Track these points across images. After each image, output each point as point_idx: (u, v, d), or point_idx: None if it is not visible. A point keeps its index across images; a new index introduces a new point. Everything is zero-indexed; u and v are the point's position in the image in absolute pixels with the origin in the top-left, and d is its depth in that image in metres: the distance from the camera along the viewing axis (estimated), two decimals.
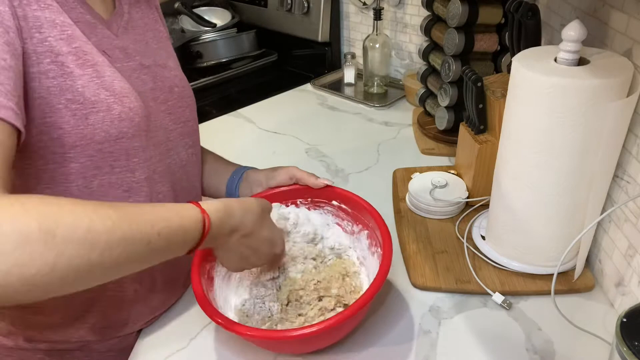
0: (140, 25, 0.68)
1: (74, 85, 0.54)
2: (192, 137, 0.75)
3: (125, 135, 0.59)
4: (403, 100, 1.36)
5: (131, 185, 0.62)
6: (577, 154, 0.63)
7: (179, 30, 1.56)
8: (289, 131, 1.22)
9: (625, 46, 0.65)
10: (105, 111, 0.56)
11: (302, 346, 0.63)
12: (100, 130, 0.56)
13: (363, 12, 1.47)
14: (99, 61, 0.57)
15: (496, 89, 0.83)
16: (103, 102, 0.56)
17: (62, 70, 0.53)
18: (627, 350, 0.47)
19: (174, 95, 0.69)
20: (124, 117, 0.58)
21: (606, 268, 0.71)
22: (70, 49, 0.54)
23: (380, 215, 0.69)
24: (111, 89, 0.57)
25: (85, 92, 0.55)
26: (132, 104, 0.59)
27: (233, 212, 0.58)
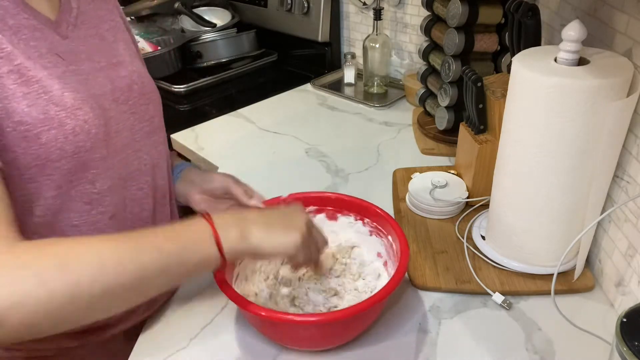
0: (93, 17, 0.64)
1: (18, 107, 0.51)
2: (160, 134, 0.72)
3: (82, 149, 0.56)
4: (403, 100, 1.36)
5: (92, 197, 0.60)
6: (577, 154, 0.63)
7: (179, 30, 1.56)
8: (289, 131, 1.22)
9: (625, 46, 0.65)
10: (57, 128, 0.53)
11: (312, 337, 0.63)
12: (55, 148, 0.54)
13: (363, 12, 1.47)
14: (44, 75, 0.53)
15: (496, 89, 0.83)
16: (54, 118, 0.53)
17: (4, 93, 0.50)
18: (627, 350, 0.47)
19: (134, 93, 0.66)
20: (78, 130, 0.55)
21: (606, 268, 0.71)
22: (12, 67, 0.51)
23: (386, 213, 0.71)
24: (61, 103, 0.54)
25: (32, 111, 0.52)
26: (87, 116, 0.56)
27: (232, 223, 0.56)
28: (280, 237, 0.57)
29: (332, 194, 0.76)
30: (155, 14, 1.57)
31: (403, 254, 0.64)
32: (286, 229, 0.58)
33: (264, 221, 0.58)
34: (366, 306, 0.57)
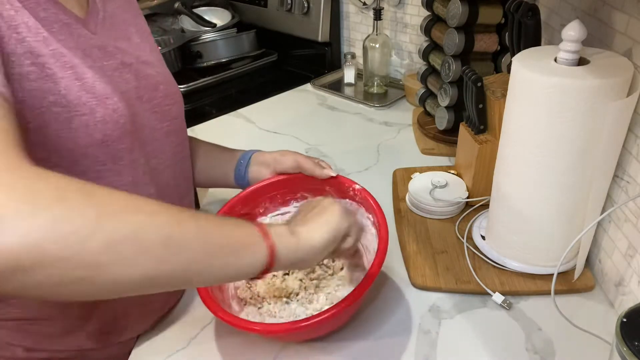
0: (119, 21, 0.66)
1: (56, 87, 0.52)
2: (179, 135, 0.73)
3: (110, 138, 0.57)
4: (403, 100, 1.36)
5: (118, 188, 0.58)
6: (577, 154, 0.63)
7: (179, 30, 1.56)
8: (289, 131, 1.22)
9: (625, 46, 0.65)
10: (88, 114, 0.54)
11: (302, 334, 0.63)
12: (84, 134, 0.54)
13: (363, 12, 1.47)
14: (78, 63, 0.54)
15: (496, 89, 0.83)
16: (86, 105, 0.54)
17: (43, 72, 0.51)
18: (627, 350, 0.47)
19: (159, 93, 0.67)
20: (107, 119, 0.56)
21: (606, 268, 0.71)
22: (48, 51, 0.52)
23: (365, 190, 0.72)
24: (92, 91, 0.55)
25: (68, 94, 0.53)
26: (116, 106, 0.57)
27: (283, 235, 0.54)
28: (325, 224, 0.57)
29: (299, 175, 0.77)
30: (155, 14, 1.57)
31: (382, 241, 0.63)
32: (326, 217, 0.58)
33: (301, 221, 0.58)
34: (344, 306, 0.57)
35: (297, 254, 0.54)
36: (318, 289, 0.70)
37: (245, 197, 0.75)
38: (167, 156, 0.70)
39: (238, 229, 0.50)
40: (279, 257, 0.51)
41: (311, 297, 0.69)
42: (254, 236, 0.51)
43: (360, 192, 0.72)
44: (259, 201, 0.77)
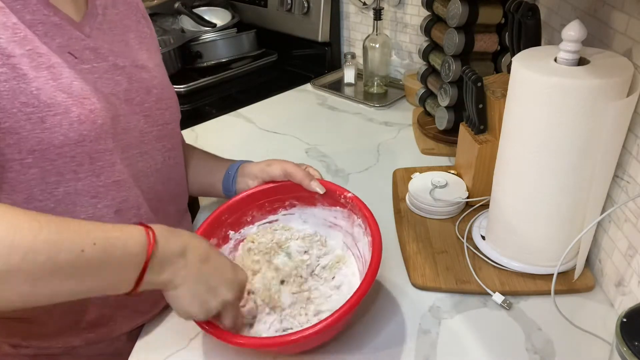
0: (119, 26, 0.66)
1: (27, 88, 0.52)
2: (171, 141, 0.72)
3: (87, 138, 0.56)
4: (403, 100, 1.36)
5: (98, 190, 0.60)
6: (577, 154, 0.63)
7: (179, 30, 1.56)
8: (289, 131, 1.22)
9: (625, 46, 0.65)
10: (62, 114, 0.54)
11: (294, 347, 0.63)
12: (59, 134, 0.54)
13: (363, 12, 1.47)
14: (56, 62, 0.55)
15: (496, 89, 0.83)
16: (60, 104, 0.54)
17: (14, 73, 0.51)
18: (627, 350, 0.47)
19: (152, 97, 0.67)
20: (83, 119, 0.55)
21: (606, 268, 0.71)
22: (24, 51, 0.52)
23: (357, 198, 0.70)
24: (69, 90, 0.55)
25: (40, 94, 0.53)
26: (94, 106, 0.56)
27: (180, 232, 0.56)
28: (191, 304, 0.56)
29: None
30: (155, 14, 1.57)
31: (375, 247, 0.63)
32: (207, 299, 0.57)
33: (196, 276, 0.56)
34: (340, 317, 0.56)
35: (153, 289, 0.53)
36: (309, 300, 0.69)
37: (232, 206, 0.74)
38: (157, 160, 0.70)
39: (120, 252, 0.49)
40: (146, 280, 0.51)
41: (301, 310, 0.68)
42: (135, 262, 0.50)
43: (352, 200, 0.70)
44: (246, 210, 0.76)
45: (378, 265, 0.60)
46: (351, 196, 0.71)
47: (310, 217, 0.77)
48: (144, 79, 0.66)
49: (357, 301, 0.57)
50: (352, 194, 0.71)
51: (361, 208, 0.68)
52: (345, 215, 0.74)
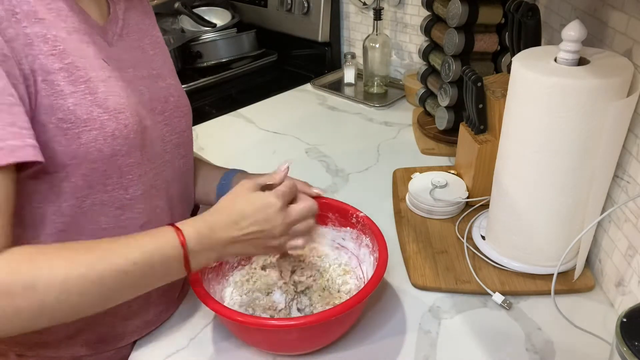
0: (135, 31, 0.66)
1: (64, 104, 0.52)
2: (186, 147, 0.73)
3: (119, 152, 0.57)
4: (403, 100, 1.36)
5: (123, 202, 0.61)
6: (577, 154, 0.63)
7: (179, 30, 1.56)
8: (289, 131, 1.22)
9: (625, 46, 0.65)
10: (98, 129, 0.54)
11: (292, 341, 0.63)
12: (94, 149, 0.54)
13: (363, 12, 1.47)
14: (93, 77, 0.55)
15: (496, 89, 0.83)
16: (96, 119, 0.54)
17: (52, 89, 0.51)
18: (627, 350, 0.47)
19: (170, 105, 0.67)
20: (117, 134, 0.56)
21: (606, 268, 0.71)
22: (62, 65, 0.52)
23: (368, 218, 0.70)
24: (104, 105, 0.55)
25: (77, 110, 0.53)
26: (127, 121, 0.57)
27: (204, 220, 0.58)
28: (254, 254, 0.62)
29: None
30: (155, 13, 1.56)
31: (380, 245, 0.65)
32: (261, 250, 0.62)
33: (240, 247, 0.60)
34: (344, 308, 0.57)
35: None
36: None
37: None
38: (176, 167, 0.70)
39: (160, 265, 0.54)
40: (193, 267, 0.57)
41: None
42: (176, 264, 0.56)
43: (363, 220, 0.71)
44: None
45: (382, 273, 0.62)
46: (362, 216, 0.71)
47: (319, 237, 0.77)
48: (162, 88, 0.66)
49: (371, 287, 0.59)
50: (364, 214, 0.71)
51: (370, 226, 0.69)
52: (354, 237, 0.74)
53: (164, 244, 0.54)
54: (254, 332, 0.60)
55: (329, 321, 0.57)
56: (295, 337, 0.61)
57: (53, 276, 0.47)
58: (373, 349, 0.65)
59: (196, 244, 0.56)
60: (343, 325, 0.64)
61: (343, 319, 0.60)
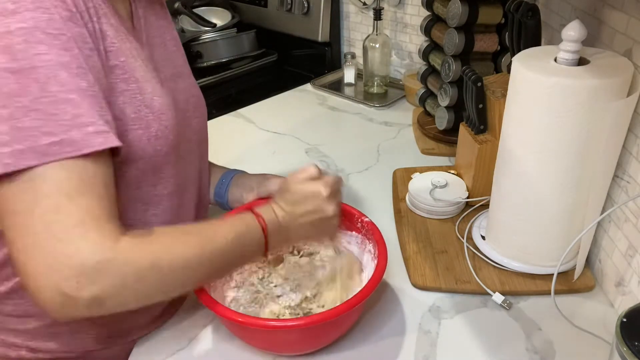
0: (156, 27, 0.65)
1: (116, 101, 0.53)
2: (203, 146, 0.74)
3: (159, 153, 0.58)
4: (403, 100, 1.36)
5: (151, 198, 0.61)
6: (577, 154, 0.63)
7: (179, 30, 1.56)
8: (289, 131, 1.22)
9: (625, 46, 0.65)
10: (144, 129, 0.55)
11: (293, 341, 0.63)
12: (138, 148, 0.55)
13: (363, 12, 1.47)
14: (140, 77, 0.55)
15: (496, 89, 0.83)
16: (143, 119, 0.55)
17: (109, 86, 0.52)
18: (627, 350, 0.47)
19: (190, 105, 0.68)
20: (160, 135, 0.57)
21: (606, 268, 0.71)
22: (118, 63, 0.53)
23: (373, 223, 0.70)
24: (151, 106, 0.56)
25: (126, 108, 0.53)
26: (168, 122, 0.58)
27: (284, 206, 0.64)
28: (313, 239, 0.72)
29: None
30: None
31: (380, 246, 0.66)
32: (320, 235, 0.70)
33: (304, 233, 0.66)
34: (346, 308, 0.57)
35: None
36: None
37: None
38: (195, 166, 0.71)
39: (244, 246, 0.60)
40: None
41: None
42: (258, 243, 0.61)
43: (368, 225, 0.70)
44: None
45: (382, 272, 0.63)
46: (367, 221, 0.71)
47: None
48: (182, 89, 0.67)
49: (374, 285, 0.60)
50: (369, 219, 0.71)
51: (374, 232, 0.69)
52: (359, 241, 0.74)
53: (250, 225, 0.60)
54: (253, 332, 0.61)
55: (325, 323, 0.57)
56: (295, 338, 0.61)
57: (174, 257, 0.51)
58: (373, 349, 0.65)
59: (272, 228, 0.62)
60: (340, 327, 0.64)
61: (339, 321, 0.60)
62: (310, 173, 0.66)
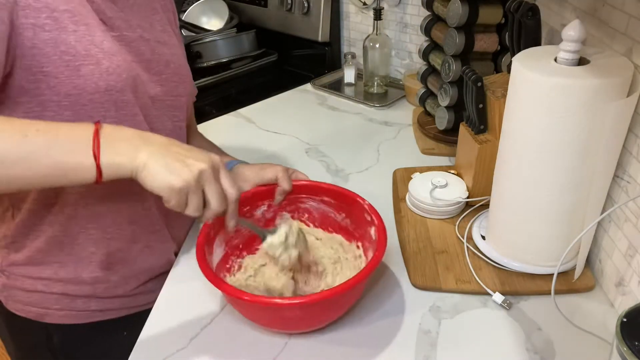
0: (146, 9, 0.73)
1: (67, 39, 0.59)
2: (181, 112, 0.79)
3: (114, 88, 0.64)
4: (403, 100, 1.36)
5: None
6: (577, 154, 0.63)
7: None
8: (289, 131, 1.22)
9: (625, 46, 0.65)
10: (95, 64, 0.62)
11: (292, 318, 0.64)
12: (91, 82, 0.62)
13: (363, 12, 1.47)
14: (92, 23, 0.62)
15: (496, 89, 0.83)
16: (93, 56, 0.61)
17: (57, 25, 0.59)
18: (627, 350, 0.47)
19: (169, 69, 0.74)
20: (111, 71, 0.63)
21: (606, 268, 0.71)
22: (67, 7, 0.60)
23: (363, 199, 0.72)
24: (101, 46, 0.62)
25: (77, 46, 0.60)
26: (120, 62, 0.64)
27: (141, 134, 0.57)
28: (166, 174, 0.54)
29: None
30: None
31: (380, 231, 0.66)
32: (180, 166, 0.54)
33: (162, 151, 0.55)
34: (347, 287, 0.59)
35: (120, 168, 0.54)
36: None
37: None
38: (167, 126, 0.76)
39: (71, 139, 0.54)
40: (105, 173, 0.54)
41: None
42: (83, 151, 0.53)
43: (369, 209, 0.72)
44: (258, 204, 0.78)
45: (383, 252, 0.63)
46: (368, 204, 0.72)
47: None
48: (165, 53, 0.73)
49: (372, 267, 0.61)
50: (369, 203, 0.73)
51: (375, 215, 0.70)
52: None
53: (77, 125, 0.54)
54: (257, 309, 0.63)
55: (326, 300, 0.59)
56: (296, 315, 0.62)
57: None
58: (373, 349, 0.65)
59: (112, 130, 0.54)
60: (340, 306, 0.65)
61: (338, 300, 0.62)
62: None
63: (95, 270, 0.75)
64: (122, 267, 0.78)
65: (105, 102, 0.64)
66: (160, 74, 0.73)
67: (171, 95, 0.75)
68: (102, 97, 0.63)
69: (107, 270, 0.76)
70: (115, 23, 0.66)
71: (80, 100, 0.62)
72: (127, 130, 0.56)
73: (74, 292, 0.76)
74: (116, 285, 0.78)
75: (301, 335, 0.67)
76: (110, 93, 0.64)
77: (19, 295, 0.76)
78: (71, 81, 0.60)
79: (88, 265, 0.75)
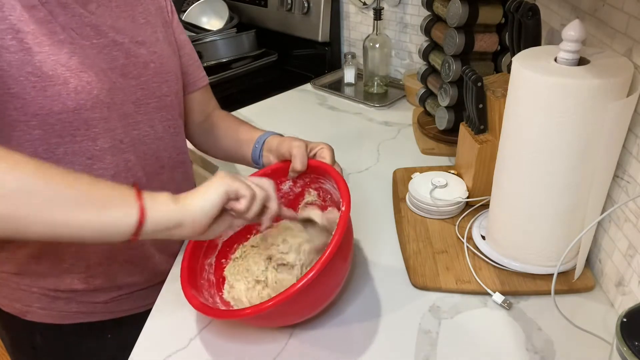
0: (128, 2, 0.71)
1: (32, 60, 0.59)
2: (171, 111, 0.78)
3: (83, 106, 0.63)
4: (403, 100, 1.36)
5: (93, 153, 0.67)
6: (577, 154, 0.63)
7: None
8: (289, 131, 1.21)
9: (625, 46, 0.65)
10: (62, 84, 0.61)
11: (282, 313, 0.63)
12: (58, 102, 0.61)
13: (363, 12, 1.47)
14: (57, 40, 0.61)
15: (496, 88, 0.83)
16: (59, 76, 0.61)
17: (21, 46, 0.58)
18: (627, 350, 0.47)
19: (149, 71, 0.72)
20: (80, 89, 0.62)
21: (606, 268, 0.71)
22: (30, 29, 0.59)
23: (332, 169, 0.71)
24: (67, 64, 0.61)
25: (43, 66, 0.60)
26: (90, 78, 0.63)
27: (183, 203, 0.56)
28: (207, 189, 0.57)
29: None
30: None
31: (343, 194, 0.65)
32: (209, 184, 0.58)
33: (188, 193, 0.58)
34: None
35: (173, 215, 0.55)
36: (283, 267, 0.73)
37: None
38: (157, 129, 0.75)
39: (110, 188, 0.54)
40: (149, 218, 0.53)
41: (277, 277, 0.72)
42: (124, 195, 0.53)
43: None
44: None
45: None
46: None
47: None
48: (142, 55, 0.71)
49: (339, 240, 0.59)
50: None
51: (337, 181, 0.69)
52: None
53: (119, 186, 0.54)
54: None
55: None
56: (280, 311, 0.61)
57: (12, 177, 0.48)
58: (373, 350, 0.65)
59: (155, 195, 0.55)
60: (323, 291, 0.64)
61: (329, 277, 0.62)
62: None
63: (74, 282, 0.76)
64: (102, 281, 0.77)
65: (74, 121, 0.64)
66: (139, 77, 0.71)
67: (155, 97, 0.74)
68: (71, 116, 0.63)
69: (86, 284, 0.77)
70: (84, 32, 0.65)
71: (47, 120, 0.62)
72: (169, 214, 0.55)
73: (55, 295, 0.76)
74: (97, 295, 0.79)
75: (301, 335, 0.67)
76: (79, 112, 0.63)
77: (4, 291, 0.77)
78: (38, 102, 0.60)
79: (67, 277, 0.75)
